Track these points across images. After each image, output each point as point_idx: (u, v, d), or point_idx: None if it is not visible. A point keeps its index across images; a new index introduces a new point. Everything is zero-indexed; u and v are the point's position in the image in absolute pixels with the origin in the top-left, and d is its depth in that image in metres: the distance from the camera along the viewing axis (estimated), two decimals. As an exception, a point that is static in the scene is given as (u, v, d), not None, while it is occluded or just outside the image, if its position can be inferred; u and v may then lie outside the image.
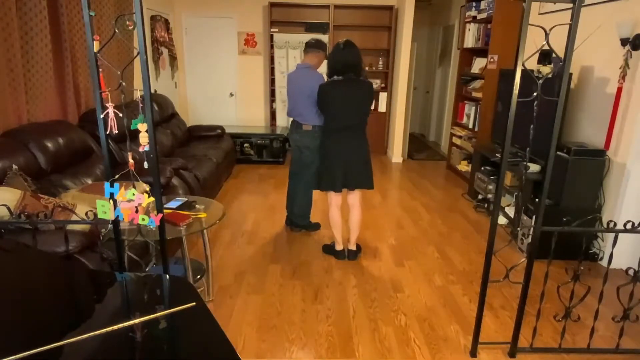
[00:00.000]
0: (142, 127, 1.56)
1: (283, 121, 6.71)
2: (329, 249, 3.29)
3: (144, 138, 1.58)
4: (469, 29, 5.35)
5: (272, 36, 6.35)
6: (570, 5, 1.69)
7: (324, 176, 3.07)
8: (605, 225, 2.00)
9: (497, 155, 4.05)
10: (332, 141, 3.00)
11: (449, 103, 6.85)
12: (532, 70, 1.81)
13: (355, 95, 2.91)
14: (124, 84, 1.59)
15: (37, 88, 2.97)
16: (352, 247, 3.23)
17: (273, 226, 3.78)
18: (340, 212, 3.17)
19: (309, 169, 3.40)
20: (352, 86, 2.91)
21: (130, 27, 1.50)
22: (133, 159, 1.67)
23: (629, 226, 1.96)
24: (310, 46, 3.30)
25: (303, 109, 3.25)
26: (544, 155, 1.94)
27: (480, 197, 4.34)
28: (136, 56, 1.50)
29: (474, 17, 5.16)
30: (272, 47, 6.41)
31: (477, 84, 5.21)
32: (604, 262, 3.20)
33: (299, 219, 3.65)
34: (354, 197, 3.15)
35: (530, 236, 2.05)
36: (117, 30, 1.52)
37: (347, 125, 2.95)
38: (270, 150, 5.91)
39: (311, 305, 2.60)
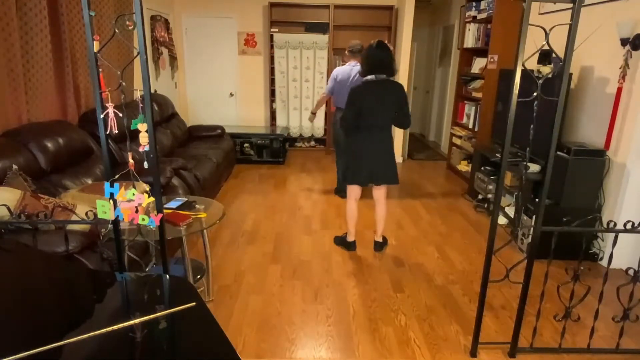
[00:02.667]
0: (142, 127, 1.56)
1: (283, 121, 6.71)
2: (340, 241, 3.42)
3: (144, 138, 1.58)
4: (469, 29, 5.35)
5: (272, 36, 6.36)
6: (570, 5, 1.69)
7: (352, 170, 3.17)
8: (605, 225, 2.00)
9: (497, 155, 4.05)
10: (362, 139, 3.09)
11: (449, 103, 6.85)
12: (532, 70, 1.81)
13: (386, 96, 3.00)
14: (124, 84, 1.59)
15: (37, 88, 2.97)
16: (379, 238, 3.37)
17: (273, 226, 3.78)
18: (357, 205, 3.28)
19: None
20: (383, 87, 3.01)
21: (130, 27, 1.50)
22: (133, 159, 1.67)
23: (629, 226, 1.96)
24: (356, 51, 4.17)
25: None
26: (544, 155, 1.94)
27: (480, 197, 4.34)
28: (136, 56, 1.50)
29: (474, 17, 5.16)
30: (272, 47, 6.41)
31: (477, 84, 5.21)
32: (604, 262, 3.19)
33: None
34: (380, 192, 3.29)
35: (530, 236, 2.05)
36: (117, 30, 1.52)
37: (377, 125, 3.05)
38: (270, 150, 5.91)
39: (311, 305, 2.60)
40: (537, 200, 3.33)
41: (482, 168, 4.39)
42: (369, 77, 3.02)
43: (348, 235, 3.34)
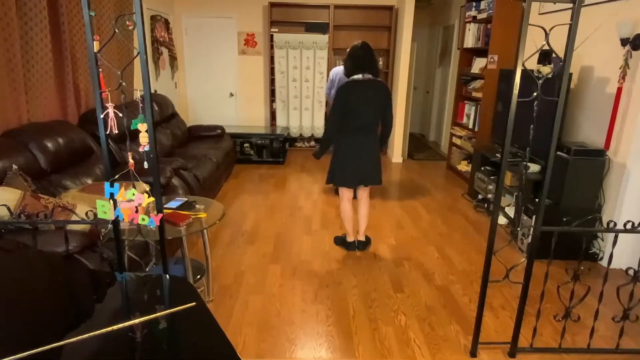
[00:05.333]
0: (142, 127, 1.56)
1: (283, 121, 6.71)
2: (340, 241, 3.43)
3: (144, 138, 1.58)
4: (469, 29, 5.35)
5: (272, 36, 6.36)
6: (570, 5, 1.69)
7: (337, 172, 3.17)
8: (605, 225, 2.00)
9: (497, 155, 4.05)
10: (347, 139, 3.10)
11: (449, 103, 6.85)
12: (532, 70, 1.81)
13: (373, 95, 3.01)
14: (124, 84, 1.59)
15: (37, 88, 2.97)
16: (362, 237, 3.38)
17: (273, 226, 3.78)
18: (351, 205, 3.30)
19: None
20: (369, 87, 3.01)
21: (130, 27, 1.50)
22: (133, 159, 1.67)
23: (629, 226, 1.96)
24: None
25: None
26: (544, 155, 1.94)
27: (480, 197, 4.34)
28: (136, 56, 1.50)
29: (474, 17, 5.16)
30: (272, 47, 6.41)
31: (477, 84, 5.21)
32: (604, 262, 3.20)
33: None
34: (365, 192, 3.31)
35: (530, 236, 2.05)
36: (117, 30, 1.52)
37: (362, 125, 3.05)
38: (270, 150, 5.91)
39: (311, 305, 2.60)
40: (537, 200, 3.33)
41: (482, 168, 4.39)
42: (355, 76, 3.02)
43: (347, 235, 3.35)
